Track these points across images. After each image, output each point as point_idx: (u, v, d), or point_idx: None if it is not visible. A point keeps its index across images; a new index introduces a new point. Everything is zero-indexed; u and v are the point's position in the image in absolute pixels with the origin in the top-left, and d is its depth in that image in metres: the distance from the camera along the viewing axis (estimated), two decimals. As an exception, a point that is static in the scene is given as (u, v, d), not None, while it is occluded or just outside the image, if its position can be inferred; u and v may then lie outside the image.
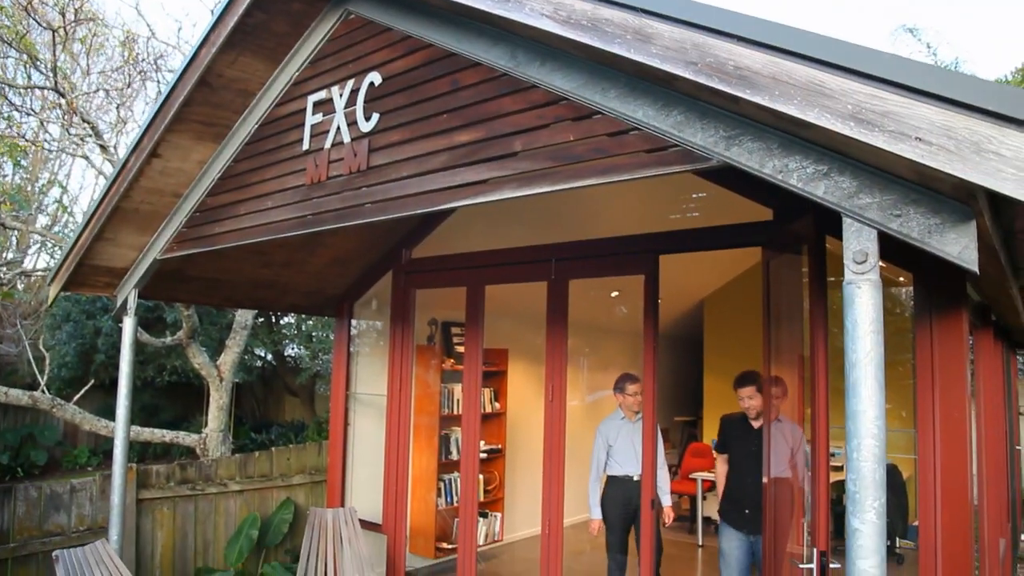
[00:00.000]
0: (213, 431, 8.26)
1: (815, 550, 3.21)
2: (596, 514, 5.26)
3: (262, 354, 13.18)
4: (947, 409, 3.33)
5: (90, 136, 8.11)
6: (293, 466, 6.70)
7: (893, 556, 6.95)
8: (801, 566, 3.22)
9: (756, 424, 4.65)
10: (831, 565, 3.17)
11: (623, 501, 5.15)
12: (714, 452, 5.09)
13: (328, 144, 3.64)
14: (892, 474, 6.98)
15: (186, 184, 4.52)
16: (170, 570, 5.93)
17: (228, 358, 8.44)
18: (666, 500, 5.10)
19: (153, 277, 4.96)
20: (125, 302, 5.04)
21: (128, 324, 4.99)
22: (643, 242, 4.27)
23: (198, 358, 8.28)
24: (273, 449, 6.71)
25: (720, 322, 9.23)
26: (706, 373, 9.56)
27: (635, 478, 4.99)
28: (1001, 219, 2.14)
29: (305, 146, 3.79)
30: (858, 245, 2.03)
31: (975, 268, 1.89)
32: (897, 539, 7.05)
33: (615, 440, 5.21)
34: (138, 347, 10.24)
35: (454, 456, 6.52)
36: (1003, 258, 2.75)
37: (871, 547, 1.95)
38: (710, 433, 9.41)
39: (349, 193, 3.48)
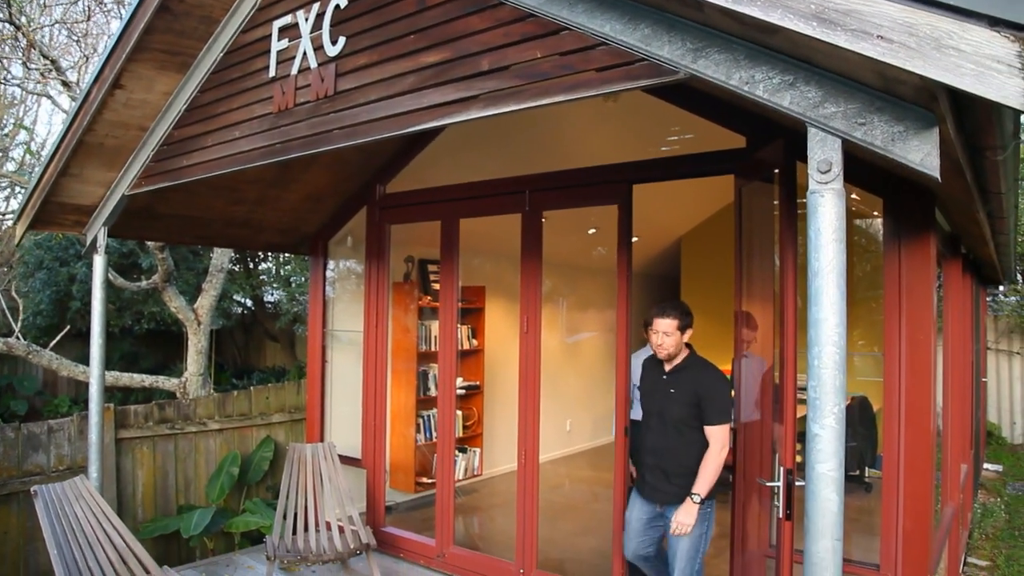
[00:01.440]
0: (193, 375, 8.26)
1: (782, 468, 3.28)
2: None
3: (241, 300, 13.13)
4: (913, 332, 3.40)
5: (51, 71, 7.87)
6: (272, 405, 6.74)
7: (862, 485, 7.14)
8: (768, 484, 3.30)
9: (668, 367, 3.82)
10: (796, 483, 3.25)
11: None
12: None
13: (295, 70, 3.56)
14: (863, 406, 7.13)
15: (152, 116, 4.42)
16: (152, 508, 5.99)
17: (205, 301, 8.39)
18: None
19: (122, 215, 4.88)
20: (95, 240, 4.97)
21: (98, 262, 4.93)
22: (616, 171, 4.25)
23: (175, 302, 8.23)
24: (252, 388, 6.74)
25: (697, 261, 9.25)
26: (683, 311, 9.56)
27: None
28: (965, 127, 2.14)
29: (271, 73, 3.71)
30: (823, 155, 2.02)
31: (936, 174, 1.90)
32: (866, 468, 7.24)
33: (639, 380, 4.12)
34: (114, 292, 10.21)
35: (432, 392, 6.58)
36: (969, 177, 2.76)
37: (830, 451, 2.00)
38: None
39: (317, 119, 3.42)
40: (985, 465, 9.34)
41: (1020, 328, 10.88)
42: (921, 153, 1.92)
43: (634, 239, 8.15)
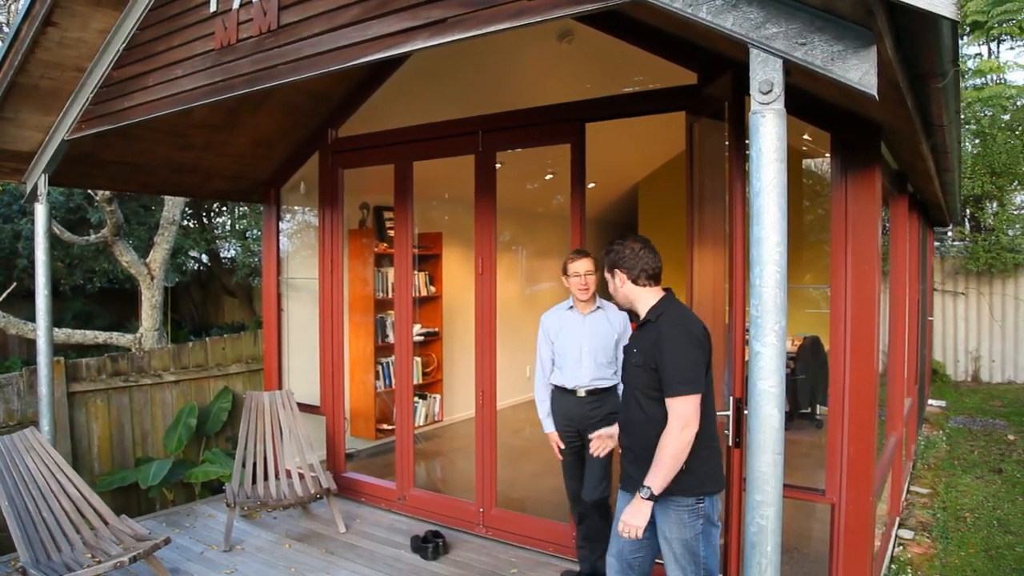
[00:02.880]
0: (148, 330, 8.13)
1: (731, 398, 3.37)
2: (548, 427, 3.98)
3: (196, 255, 12.89)
4: (858, 263, 3.47)
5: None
6: (229, 355, 6.68)
7: (813, 421, 7.40)
8: (719, 414, 3.38)
9: (638, 323, 3.07)
10: (745, 412, 3.33)
11: (564, 421, 3.92)
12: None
13: (236, 4, 3.45)
14: (815, 345, 7.34)
15: (89, 56, 4.24)
16: (109, 461, 5.93)
17: (158, 255, 8.22)
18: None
19: (63, 161, 4.71)
20: (35, 188, 4.81)
21: (40, 211, 4.78)
22: (568, 110, 4.22)
23: (126, 256, 8.05)
24: (207, 339, 6.66)
25: (654, 206, 9.30)
26: (641, 257, 9.60)
27: (580, 393, 3.84)
28: (903, 47, 2.16)
29: (212, 8, 3.57)
30: (764, 75, 2.03)
31: (874, 92, 1.92)
32: (817, 406, 7.49)
33: (557, 336, 3.92)
34: (63, 249, 9.94)
35: (391, 339, 6.57)
36: (911, 104, 2.79)
37: (771, 368, 2.05)
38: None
39: (260, 55, 3.33)
40: (930, 401, 9.69)
41: (965, 270, 11.21)
42: (860, 72, 1.93)
43: (591, 185, 8.16)
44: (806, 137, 6.08)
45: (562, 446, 3.94)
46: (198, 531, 4.96)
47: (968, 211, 11.78)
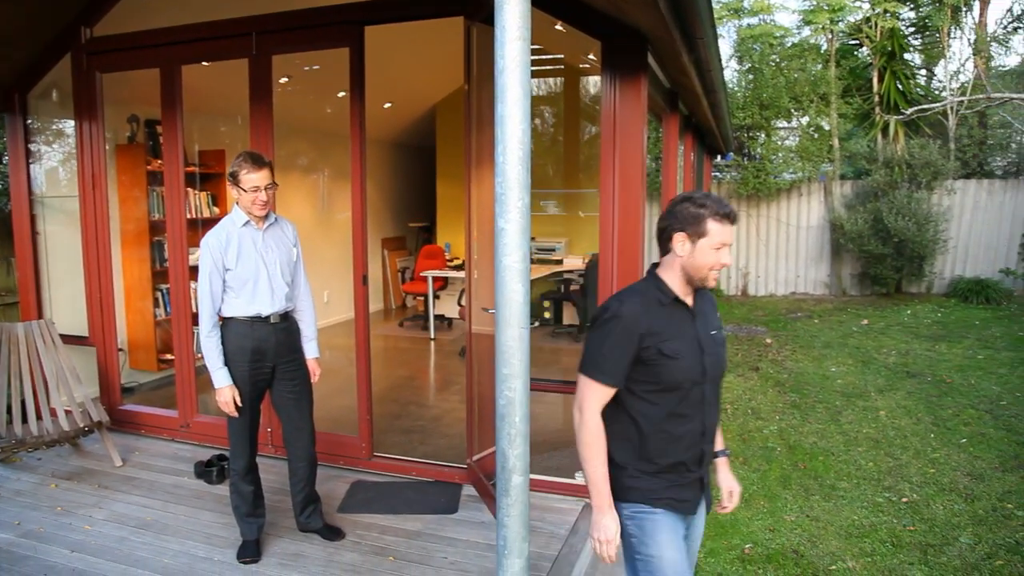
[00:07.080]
0: None
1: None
2: (223, 379, 3.25)
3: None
4: (625, 168, 3.68)
5: None
6: (-24, 289, 5.93)
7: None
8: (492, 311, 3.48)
9: (690, 299, 2.28)
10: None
11: (256, 357, 3.33)
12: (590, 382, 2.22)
13: None
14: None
15: None
16: None
17: None
18: (312, 350, 3.61)
19: None
20: None
21: None
22: (346, 12, 4.06)
23: None
24: (-54, 271, 5.85)
25: (451, 128, 9.26)
26: (439, 179, 9.69)
27: (273, 319, 3.35)
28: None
29: None
30: (508, -47, 2.03)
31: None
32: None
33: (235, 260, 3.25)
34: None
35: (170, 264, 6.14)
36: (663, 7, 2.95)
37: (515, 244, 2.10)
38: (444, 237, 9.76)
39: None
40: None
41: (737, 194, 12.31)
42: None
43: (387, 105, 7.99)
44: (591, 56, 6.30)
45: (239, 402, 3.30)
46: (-59, 483, 4.43)
47: (742, 141, 12.89)
